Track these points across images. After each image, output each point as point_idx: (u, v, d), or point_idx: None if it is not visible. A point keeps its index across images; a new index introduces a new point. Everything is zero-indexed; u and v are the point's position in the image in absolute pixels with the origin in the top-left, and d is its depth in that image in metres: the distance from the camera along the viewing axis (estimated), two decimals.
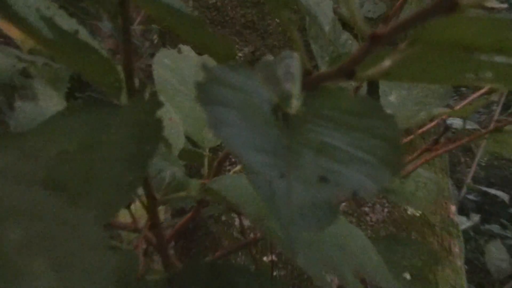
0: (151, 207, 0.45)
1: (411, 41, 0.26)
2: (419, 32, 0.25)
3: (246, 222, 0.86)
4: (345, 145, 0.27)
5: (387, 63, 0.27)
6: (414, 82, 0.32)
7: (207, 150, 0.58)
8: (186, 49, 0.64)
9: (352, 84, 0.50)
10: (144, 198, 0.46)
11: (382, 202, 0.96)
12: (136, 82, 0.38)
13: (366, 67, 0.28)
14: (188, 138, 0.59)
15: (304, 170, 0.25)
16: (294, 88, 0.29)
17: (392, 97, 0.65)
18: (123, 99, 0.40)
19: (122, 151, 0.31)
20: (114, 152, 0.31)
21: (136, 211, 0.50)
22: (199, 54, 0.63)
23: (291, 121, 0.28)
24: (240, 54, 0.94)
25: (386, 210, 0.98)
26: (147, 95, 0.36)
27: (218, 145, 0.60)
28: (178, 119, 0.57)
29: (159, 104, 0.33)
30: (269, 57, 0.32)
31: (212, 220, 0.84)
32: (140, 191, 0.47)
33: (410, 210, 0.94)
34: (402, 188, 0.65)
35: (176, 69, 0.60)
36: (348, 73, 0.27)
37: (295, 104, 0.28)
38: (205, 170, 0.56)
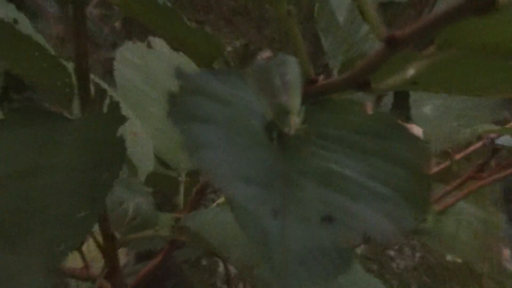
0: (108, 249, 0.46)
1: (441, 45, 0.27)
2: (451, 34, 0.26)
3: (234, 269, 0.87)
4: (357, 174, 0.28)
5: (411, 71, 0.28)
6: (446, 93, 0.33)
7: (183, 175, 0.60)
8: (157, 42, 0.65)
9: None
10: (99, 237, 0.47)
11: (412, 244, 0.97)
12: (92, 89, 0.39)
13: (383, 76, 0.29)
14: (159, 158, 0.60)
15: (304, 206, 0.26)
16: (293, 101, 0.30)
17: (427, 108, 0.67)
18: (76, 108, 0.42)
19: (73, 179, 0.32)
20: (62, 180, 0.32)
21: (89, 253, 0.51)
22: (175, 49, 0.65)
23: (289, 143, 0.29)
24: (229, 48, 0.96)
25: (418, 254, 0.99)
26: (106, 104, 0.37)
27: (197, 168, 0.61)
28: (145, 133, 0.58)
29: (122, 119, 0.34)
30: (265, 55, 0.33)
31: (189, 265, 0.85)
32: (95, 227, 0.48)
33: (450, 256, 0.95)
34: (439, 227, 0.66)
35: (144, 68, 0.61)
36: (361, 83, 0.29)
37: (295, 122, 0.30)
38: (180, 200, 0.57)
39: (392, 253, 0.92)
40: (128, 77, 0.61)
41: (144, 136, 0.59)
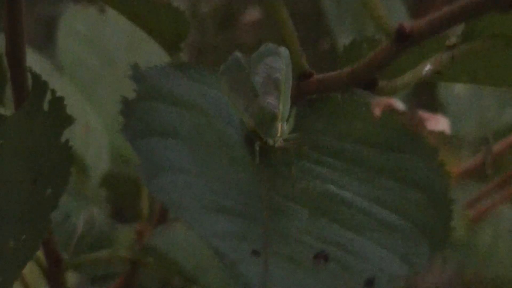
0: (53, 273, 0.46)
1: (466, 35, 0.28)
2: (478, 25, 0.27)
3: None
4: (360, 199, 0.28)
5: (427, 66, 0.29)
6: (471, 83, 0.33)
7: None
8: None
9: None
10: (41, 257, 0.47)
11: (443, 255, 0.96)
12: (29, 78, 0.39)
13: (394, 74, 0.29)
14: (116, 153, 0.59)
15: (292, 242, 0.26)
16: (280, 103, 0.30)
17: (459, 88, 0.67)
18: (8, 102, 0.41)
19: (5, 196, 0.32)
20: None
21: (28, 276, 0.51)
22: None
23: (275, 159, 0.29)
24: (206, 9, 0.94)
25: (449, 268, 0.98)
26: (47, 97, 0.37)
27: None
28: (99, 123, 0.58)
29: (67, 120, 0.34)
30: (251, 17, 0.33)
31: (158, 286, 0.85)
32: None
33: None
34: (473, 238, 0.67)
35: (96, 41, 0.61)
36: (366, 82, 0.29)
37: (282, 130, 0.30)
38: (143, 208, 0.57)
39: None
40: (75, 52, 0.61)
41: (98, 128, 0.59)
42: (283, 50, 0.32)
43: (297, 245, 0.26)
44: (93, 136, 0.58)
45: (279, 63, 0.32)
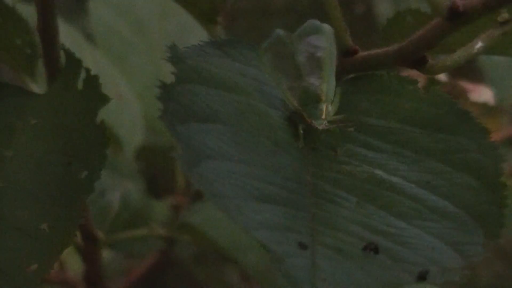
0: (88, 252, 0.46)
1: None
2: None
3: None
4: (409, 184, 0.27)
5: (477, 44, 0.27)
6: None
7: None
8: None
9: None
10: (76, 235, 0.47)
11: None
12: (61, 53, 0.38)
13: (444, 51, 0.28)
14: (148, 125, 0.59)
15: (340, 232, 0.25)
16: (324, 83, 0.29)
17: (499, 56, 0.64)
18: (40, 78, 0.41)
19: (41, 177, 0.32)
20: (26, 178, 0.32)
21: (64, 255, 0.51)
22: None
23: (320, 141, 0.28)
24: None
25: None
26: (81, 75, 0.36)
27: None
28: (132, 94, 0.57)
29: (102, 99, 0.33)
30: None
31: (195, 261, 0.84)
32: None
33: None
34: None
35: (128, 10, 0.60)
36: (415, 60, 0.28)
37: (327, 111, 0.29)
38: (179, 182, 0.57)
39: None
40: (107, 21, 0.60)
41: (131, 98, 0.58)
42: (326, 27, 0.31)
43: (345, 235, 0.25)
44: (127, 107, 0.57)
45: (322, 41, 0.31)
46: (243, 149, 0.26)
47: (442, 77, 0.46)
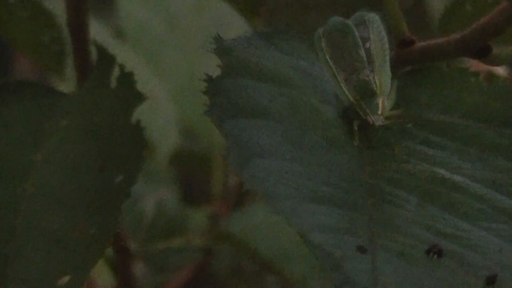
0: (120, 264, 0.46)
1: None
2: None
3: None
4: (474, 183, 0.27)
5: None
6: None
7: (218, 150, 0.58)
8: None
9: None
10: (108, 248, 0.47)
11: None
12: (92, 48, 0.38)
13: (506, 40, 0.28)
14: (183, 128, 0.59)
15: (401, 234, 0.25)
16: (381, 76, 0.29)
17: None
18: (70, 78, 0.41)
19: (72, 183, 0.32)
20: (56, 184, 0.32)
21: (94, 268, 0.51)
22: None
23: (377, 138, 0.29)
24: None
25: None
26: (114, 72, 0.36)
27: None
28: (165, 94, 0.57)
29: (138, 97, 0.33)
30: None
31: (234, 274, 0.84)
32: None
33: None
34: None
35: (158, 2, 0.60)
36: (479, 49, 0.28)
37: (384, 106, 0.29)
38: (217, 188, 0.57)
39: None
40: (137, 16, 0.60)
41: (164, 99, 0.59)
42: (373, 17, 0.32)
43: (406, 238, 0.25)
44: (160, 108, 0.57)
45: (368, 32, 0.31)
46: (295, 147, 0.26)
47: (501, 71, 0.46)
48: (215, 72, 0.27)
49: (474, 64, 0.30)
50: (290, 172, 0.25)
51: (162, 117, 0.58)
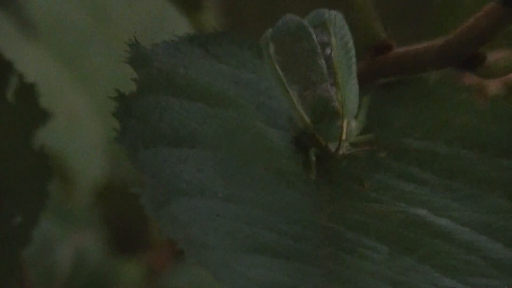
0: None
1: None
2: None
3: None
4: (463, 228, 0.28)
5: None
6: None
7: None
8: None
9: None
10: None
11: None
12: None
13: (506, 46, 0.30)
14: (116, 154, 0.59)
15: None
16: (340, 91, 0.31)
17: None
18: None
19: None
20: None
21: None
22: None
23: (339, 172, 0.30)
24: None
25: None
26: (13, 83, 0.37)
27: None
28: (89, 109, 0.57)
29: (42, 115, 0.34)
30: None
31: None
32: None
33: None
34: None
35: None
36: (468, 59, 0.29)
37: (348, 130, 0.30)
38: (157, 232, 0.57)
39: None
40: (55, 7, 0.60)
41: (87, 114, 0.59)
42: (335, 16, 0.32)
43: None
44: (81, 126, 0.57)
45: (328, 35, 0.32)
46: (232, 182, 0.27)
47: (498, 84, 0.47)
48: (129, 89, 0.28)
49: (465, 77, 0.31)
50: (223, 215, 0.26)
51: (84, 138, 0.58)
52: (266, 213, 0.27)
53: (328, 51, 0.31)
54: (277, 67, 0.31)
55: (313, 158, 0.30)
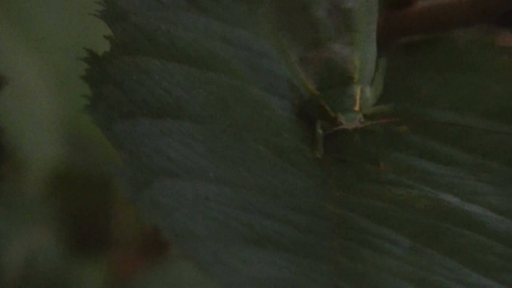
0: None
1: None
2: None
3: None
4: (497, 216, 0.28)
5: None
6: None
7: None
8: None
9: None
10: None
11: None
12: None
13: None
14: (73, 136, 0.59)
15: None
16: (358, 52, 0.30)
17: None
18: None
19: None
20: None
21: None
22: None
23: (352, 149, 0.30)
24: None
25: None
26: None
27: None
28: (45, 83, 0.57)
29: None
30: None
31: None
32: None
33: None
34: None
35: None
36: (507, 15, 0.29)
37: (362, 100, 0.30)
38: (124, 228, 0.57)
39: None
40: None
41: (41, 88, 0.59)
42: None
43: None
44: (33, 103, 0.58)
45: None
46: (224, 160, 0.27)
47: None
48: (104, 48, 0.27)
49: (503, 37, 0.31)
50: (214, 199, 0.26)
51: (36, 117, 0.58)
52: (265, 198, 0.27)
53: (347, 3, 0.31)
54: (274, 26, 0.31)
55: (320, 132, 0.29)
